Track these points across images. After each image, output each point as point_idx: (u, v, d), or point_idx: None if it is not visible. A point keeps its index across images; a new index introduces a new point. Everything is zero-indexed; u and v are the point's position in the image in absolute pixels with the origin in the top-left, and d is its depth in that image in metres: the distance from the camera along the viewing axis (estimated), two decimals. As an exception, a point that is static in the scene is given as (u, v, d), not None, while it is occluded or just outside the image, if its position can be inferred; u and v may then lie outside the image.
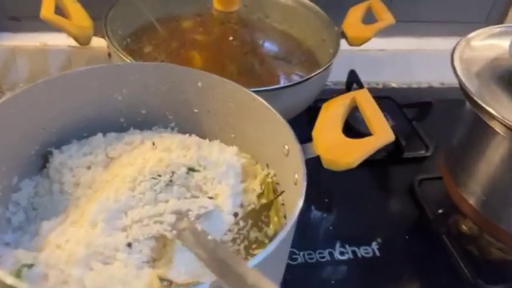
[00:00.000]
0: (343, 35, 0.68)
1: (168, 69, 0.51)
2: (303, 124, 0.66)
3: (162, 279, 0.38)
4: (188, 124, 0.55)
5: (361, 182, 0.69)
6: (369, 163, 0.72)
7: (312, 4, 0.72)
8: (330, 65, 0.61)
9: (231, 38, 0.66)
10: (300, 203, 0.39)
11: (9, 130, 0.44)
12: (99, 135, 0.51)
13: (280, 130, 0.46)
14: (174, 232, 0.40)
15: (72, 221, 0.43)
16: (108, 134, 0.52)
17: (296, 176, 0.43)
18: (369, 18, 0.70)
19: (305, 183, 0.40)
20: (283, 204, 0.47)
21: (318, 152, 0.43)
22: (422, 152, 0.73)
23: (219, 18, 0.65)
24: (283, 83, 0.65)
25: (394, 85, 0.91)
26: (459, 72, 0.48)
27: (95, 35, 0.60)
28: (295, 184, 0.43)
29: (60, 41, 0.72)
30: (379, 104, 0.44)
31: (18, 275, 0.36)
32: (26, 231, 0.45)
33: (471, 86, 0.47)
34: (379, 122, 0.42)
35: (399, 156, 0.70)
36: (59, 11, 0.59)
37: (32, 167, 0.49)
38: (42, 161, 0.49)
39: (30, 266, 0.38)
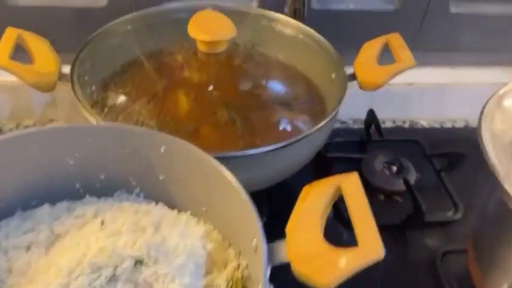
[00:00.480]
0: (354, 77, 0.57)
1: (126, 131, 0.43)
2: (306, 176, 0.56)
3: None
4: (155, 191, 0.46)
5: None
6: (385, 227, 0.62)
7: (322, 38, 0.61)
8: (329, 120, 0.51)
9: (218, 82, 0.56)
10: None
11: None
12: (45, 206, 0.44)
13: (248, 218, 0.37)
14: None
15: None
16: (58, 205, 0.44)
17: (260, 285, 0.33)
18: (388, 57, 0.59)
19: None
20: (254, 309, 0.38)
21: (288, 257, 0.33)
22: (449, 214, 0.61)
23: (204, 61, 0.55)
24: (283, 128, 0.55)
25: (423, 124, 0.78)
26: (487, 149, 0.36)
27: (60, 79, 0.53)
28: (258, 296, 0.33)
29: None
30: (403, 150, 0.33)
31: None
32: None
33: (501, 168, 0.35)
34: (367, 229, 0.32)
35: (420, 221, 0.58)
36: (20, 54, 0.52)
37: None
38: (-20, 236, 0.42)
39: None
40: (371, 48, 0.58)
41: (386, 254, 0.57)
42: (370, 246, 0.31)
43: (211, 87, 0.56)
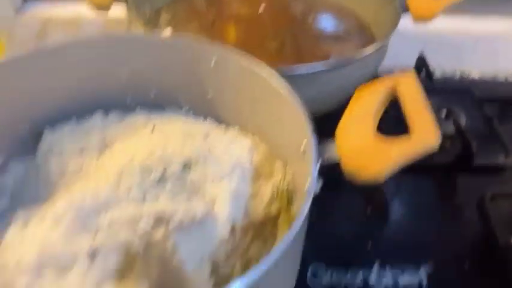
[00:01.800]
0: (406, 7, 0.55)
1: (180, 43, 0.43)
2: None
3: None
4: (203, 108, 0.47)
5: (419, 192, 0.57)
6: (431, 168, 0.61)
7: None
8: (382, 46, 0.50)
9: (269, 7, 0.56)
10: (303, 214, 0.30)
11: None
12: (98, 115, 0.45)
13: (298, 122, 0.36)
14: (142, 245, 0.32)
15: (40, 217, 0.37)
16: (110, 114, 0.45)
17: (307, 183, 0.33)
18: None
19: (311, 194, 0.30)
20: (297, 215, 0.38)
21: (339, 156, 0.33)
22: (500, 160, 0.59)
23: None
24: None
25: (475, 76, 0.75)
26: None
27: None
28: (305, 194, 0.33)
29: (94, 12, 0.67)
30: (453, 97, 0.32)
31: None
32: (6, 221, 0.40)
33: None
34: (423, 119, 0.31)
35: (469, 164, 0.57)
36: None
37: (23, 147, 0.43)
38: (35, 140, 0.44)
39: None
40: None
41: (433, 192, 0.57)
42: (424, 134, 0.30)
43: (261, 17, 0.56)
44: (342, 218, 0.53)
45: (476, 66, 0.76)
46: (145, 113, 0.46)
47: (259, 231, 0.36)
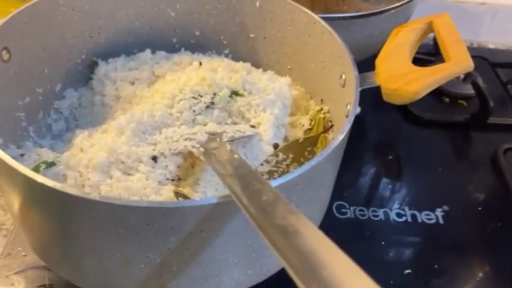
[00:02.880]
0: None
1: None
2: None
3: (180, 197, 0.34)
4: (243, 51, 0.50)
5: (436, 144, 0.60)
6: (449, 125, 0.65)
7: None
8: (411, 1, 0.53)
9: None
10: (345, 130, 0.33)
11: (51, 30, 0.43)
12: (148, 51, 0.49)
13: (340, 57, 0.40)
14: (202, 149, 0.36)
15: (103, 130, 0.41)
16: (157, 52, 0.49)
17: (348, 107, 0.37)
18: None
19: (354, 115, 0.34)
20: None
21: (378, 81, 0.36)
22: (512, 119, 0.63)
23: None
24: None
25: (491, 46, 0.79)
26: None
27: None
28: (347, 116, 0.37)
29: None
30: None
31: (35, 170, 0.35)
32: (63, 140, 0.44)
33: None
34: (458, 48, 0.35)
35: (484, 121, 0.60)
36: None
37: (77, 77, 0.47)
38: (89, 72, 0.48)
39: (51, 164, 0.36)
40: None
41: (449, 147, 0.60)
42: (460, 60, 0.34)
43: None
44: (364, 161, 0.56)
45: (493, 36, 0.79)
46: (189, 54, 0.49)
47: (298, 152, 0.40)
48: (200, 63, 0.46)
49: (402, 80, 0.34)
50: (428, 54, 0.69)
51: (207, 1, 0.48)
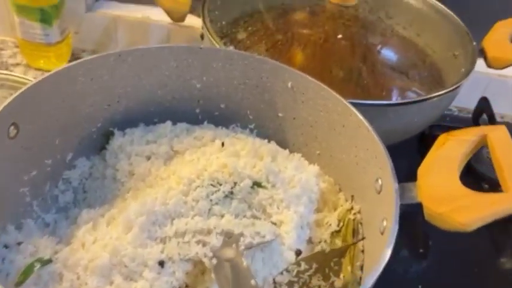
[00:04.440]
0: (482, 53, 0.54)
1: (257, 61, 0.44)
2: (410, 152, 0.55)
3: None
4: (270, 128, 0.47)
5: (474, 238, 0.55)
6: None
7: (448, 11, 0.59)
8: (457, 87, 0.49)
9: (341, 37, 0.56)
10: (384, 259, 0.29)
11: (67, 99, 0.40)
12: (168, 123, 0.45)
13: (376, 158, 0.36)
14: (214, 261, 0.32)
15: (110, 217, 0.37)
16: (178, 124, 0.46)
17: (385, 223, 0.32)
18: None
19: (394, 236, 0.30)
20: (362, 251, 0.37)
21: (420, 197, 0.32)
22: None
23: (332, 12, 0.55)
24: (395, 99, 0.54)
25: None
26: None
27: (192, 13, 0.54)
28: (382, 234, 0.32)
29: (163, 16, 0.68)
30: None
31: (29, 270, 0.31)
32: (68, 216, 0.40)
33: None
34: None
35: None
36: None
37: (91, 145, 0.44)
38: (103, 140, 0.45)
39: (47, 262, 0.32)
40: (504, 27, 0.55)
41: (491, 242, 0.55)
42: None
43: (332, 43, 0.56)
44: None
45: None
46: (212, 127, 0.46)
47: (323, 263, 0.36)
48: (222, 144, 0.43)
49: (450, 204, 0.30)
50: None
51: (235, 75, 0.45)
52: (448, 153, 0.33)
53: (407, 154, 0.55)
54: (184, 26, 0.66)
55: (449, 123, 0.68)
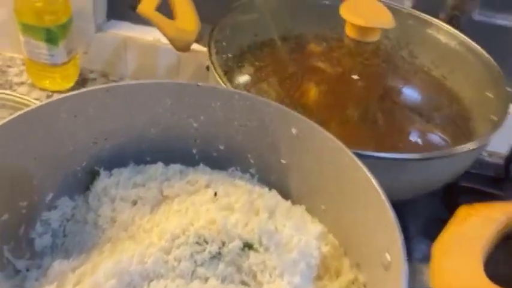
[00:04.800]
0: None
1: (260, 103, 0.39)
2: (434, 201, 0.49)
3: None
4: (272, 175, 0.42)
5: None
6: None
7: (481, 50, 0.54)
8: (488, 139, 0.44)
9: (358, 74, 0.51)
10: None
11: (46, 138, 0.36)
12: (159, 164, 0.41)
13: (386, 227, 0.31)
14: None
15: (81, 274, 0.33)
16: (171, 166, 0.42)
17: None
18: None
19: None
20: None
21: (433, 283, 0.27)
22: None
23: (350, 47, 0.51)
24: (414, 146, 0.49)
25: None
26: None
27: (198, 42, 0.51)
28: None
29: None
30: None
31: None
32: (41, 264, 0.36)
33: None
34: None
35: None
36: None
37: (75, 184, 0.40)
38: (89, 179, 0.41)
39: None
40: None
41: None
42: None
43: (348, 80, 0.51)
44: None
45: None
46: (208, 171, 0.42)
47: None
48: (215, 194, 0.38)
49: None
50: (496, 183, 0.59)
51: (236, 116, 0.40)
52: (471, 232, 0.28)
53: (430, 203, 0.50)
54: (195, 51, 0.63)
55: (478, 170, 0.63)
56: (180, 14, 0.51)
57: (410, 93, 0.54)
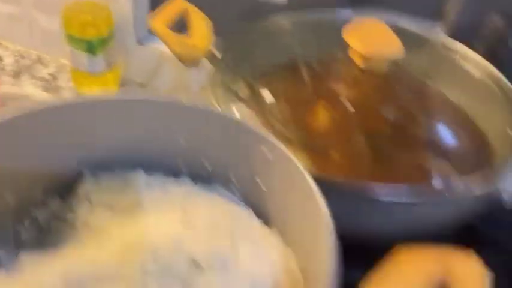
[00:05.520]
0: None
1: (237, 125, 0.39)
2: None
3: None
4: (251, 195, 0.42)
5: None
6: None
7: (508, 83, 0.49)
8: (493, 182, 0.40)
9: (373, 102, 0.49)
10: None
11: (39, 138, 0.39)
12: (141, 173, 0.43)
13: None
14: None
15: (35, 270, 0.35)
16: (153, 176, 0.43)
17: None
18: None
19: None
20: None
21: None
22: None
23: (357, 75, 0.49)
24: (426, 179, 0.45)
25: None
26: None
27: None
28: None
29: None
30: None
31: None
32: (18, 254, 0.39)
33: None
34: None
35: None
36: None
37: (66, 185, 0.43)
38: (76, 181, 0.43)
39: None
40: None
41: None
42: None
43: (355, 109, 0.49)
44: None
45: None
46: (188, 184, 0.42)
47: None
48: (185, 209, 0.39)
49: None
50: None
51: (218, 136, 0.41)
52: (402, 278, 0.25)
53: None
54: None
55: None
56: (194, 30, 0.52)
57: (428, 127, 0.51)
